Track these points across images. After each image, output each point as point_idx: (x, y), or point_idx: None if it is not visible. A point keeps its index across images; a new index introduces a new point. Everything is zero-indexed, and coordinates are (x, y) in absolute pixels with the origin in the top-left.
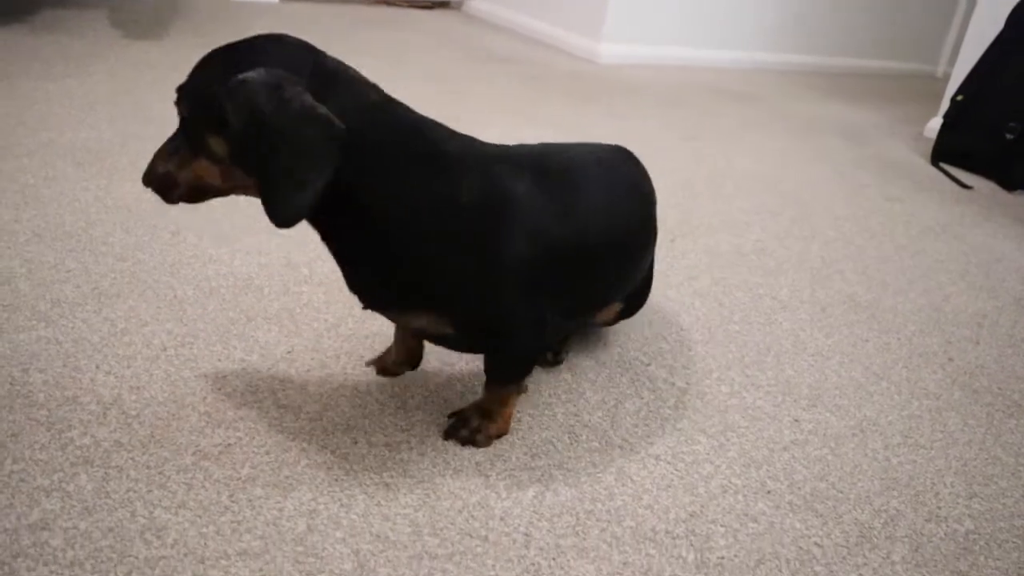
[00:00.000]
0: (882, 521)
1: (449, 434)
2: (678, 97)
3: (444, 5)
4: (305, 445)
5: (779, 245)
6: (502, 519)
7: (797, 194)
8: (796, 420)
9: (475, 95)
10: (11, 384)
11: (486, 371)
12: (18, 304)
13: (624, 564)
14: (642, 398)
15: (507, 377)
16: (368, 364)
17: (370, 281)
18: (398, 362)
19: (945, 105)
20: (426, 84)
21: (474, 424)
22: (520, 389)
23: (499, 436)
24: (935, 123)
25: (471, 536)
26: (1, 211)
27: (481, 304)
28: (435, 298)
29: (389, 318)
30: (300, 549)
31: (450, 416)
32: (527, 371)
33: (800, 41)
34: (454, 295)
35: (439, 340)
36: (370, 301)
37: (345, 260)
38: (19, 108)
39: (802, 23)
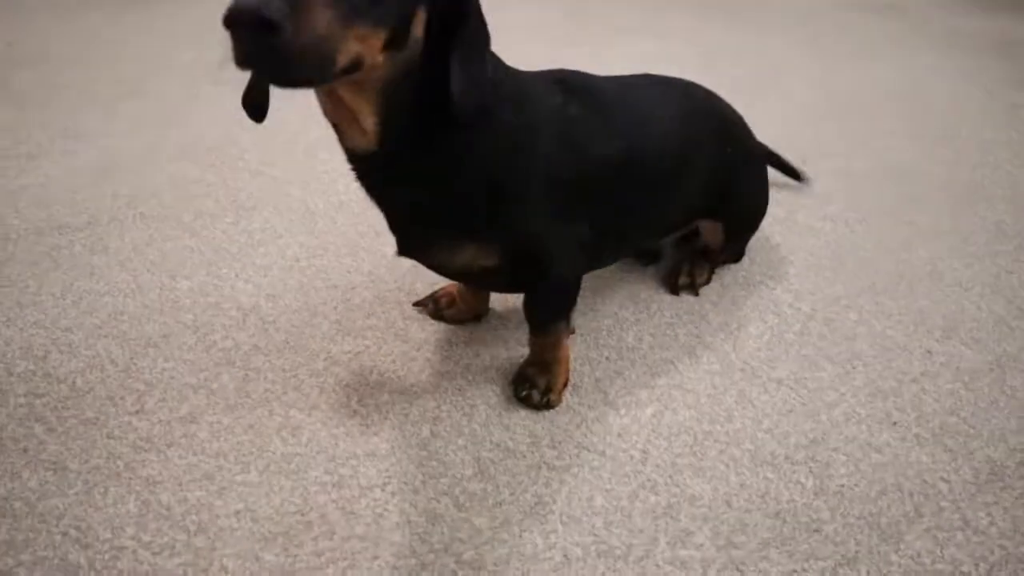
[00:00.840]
0: (1017, 460)
1: (522, 401)
2: (809, 8)
3: None
4: (429, 355)
5: (919, 168)
6: (619, 435)
7: (942, 114)
8: (928, 352)
9: (596, 13)
10: (160, 289)
11: (528, 317)
12: (165, 215)
13: (741, 486)
14: (766, 322)
15: (551, 314)
16: (415, 306)
17: (428, 216)
18: (460, 311)
19: None
20: (542, 6)
21: (541, 384)
22: (569, 329)
23: (565, 386)
24: None
25: (588, 450)
26: (148, 129)
27: (523, 222)
28: (486, 224)
29: (429, 262)
30: (424, 453)
31: (513, 383)
32: (570, 304)
33: None
34: (503, 215)
35: (481, 278)
36: (417, 242)
37: (403, 202)
38: (159, 29)
39: None
